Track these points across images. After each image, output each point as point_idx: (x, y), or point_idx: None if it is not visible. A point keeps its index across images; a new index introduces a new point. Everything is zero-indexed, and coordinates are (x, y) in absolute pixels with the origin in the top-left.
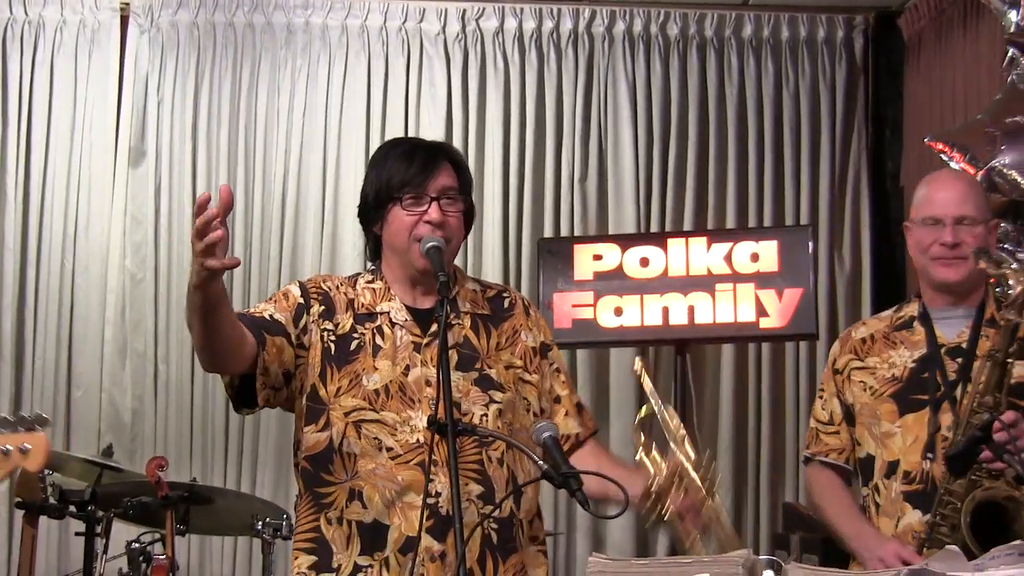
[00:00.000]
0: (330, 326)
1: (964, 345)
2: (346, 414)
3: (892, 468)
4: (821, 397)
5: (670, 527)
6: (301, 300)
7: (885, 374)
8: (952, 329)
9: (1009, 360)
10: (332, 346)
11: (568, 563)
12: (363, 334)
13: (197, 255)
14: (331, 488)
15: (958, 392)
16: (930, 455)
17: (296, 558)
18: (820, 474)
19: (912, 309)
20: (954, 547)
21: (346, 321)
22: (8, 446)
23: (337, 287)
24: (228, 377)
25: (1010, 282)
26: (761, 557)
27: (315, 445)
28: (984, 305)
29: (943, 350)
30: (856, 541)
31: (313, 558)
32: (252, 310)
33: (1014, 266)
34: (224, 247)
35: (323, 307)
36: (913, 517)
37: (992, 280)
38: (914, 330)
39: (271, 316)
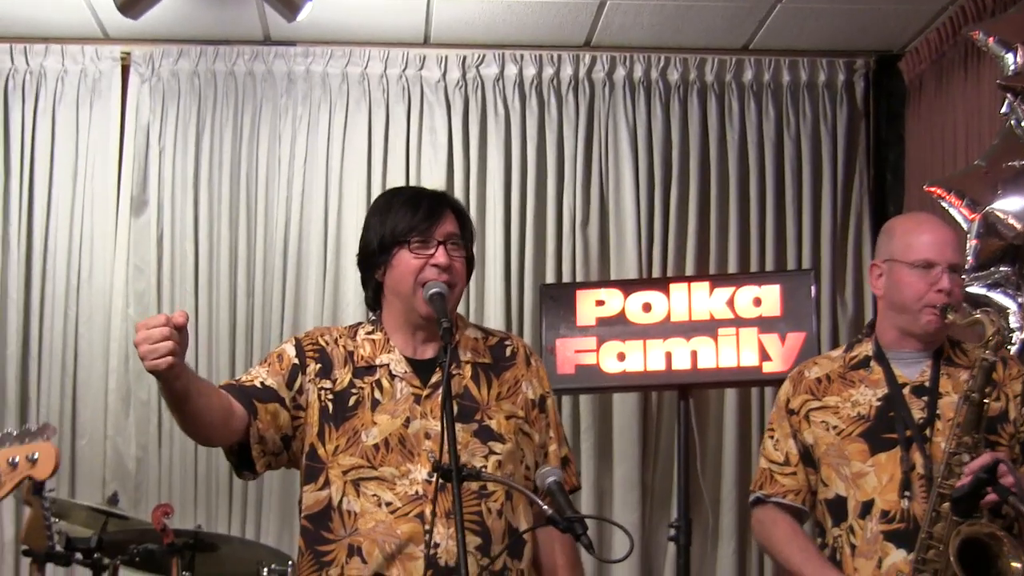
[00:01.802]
0: (328, 384)
1: (927, 384)
2: (344, 472)
3: (867, 508)
4: (772, 437)
5: None
6: (296, 361)
7: (850, 413)
8: (912, 368)
9: (985, 400)
10: (330, 404)
11: None
12: (361, 388)
13: (159, 369)
14: (331, 546)
15: (928, 431)
16: (907, 494)
17: None
18: (778, 517)
19: (866, 348)
20: None
21: (344, 376)
22: (16, 457)
23: (335, 340)
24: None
25: (984, 325)
26: None
27: (314, 504)
28: (941, 348)
29: (907, 389)
30: None
31: None
32: (244, 378)
33: (982, 312)
34: (180, 351)
35: (320, 365)
36: (898, 556)
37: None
38: (872, 369)
39: (262, 383)
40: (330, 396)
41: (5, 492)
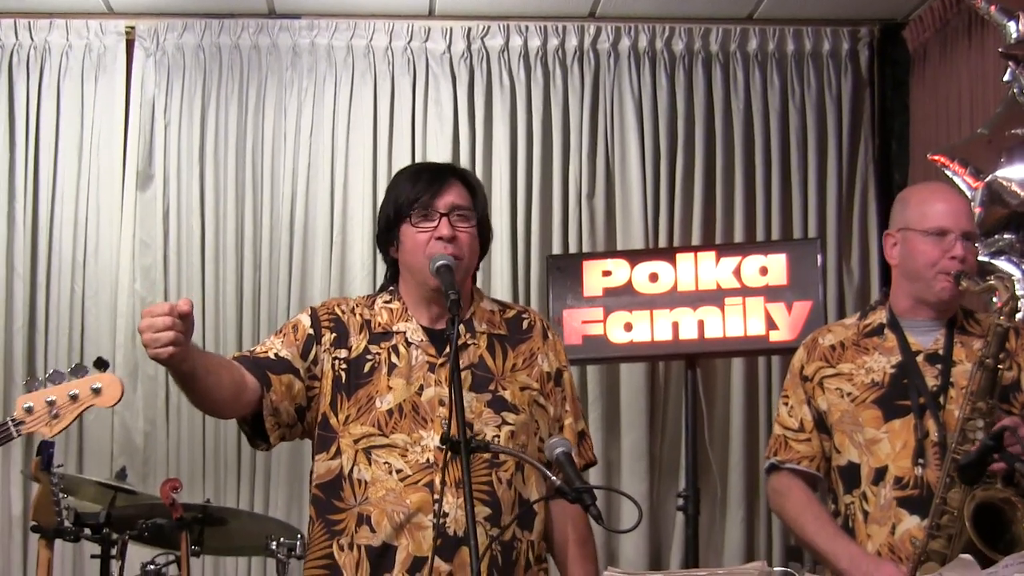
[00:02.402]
0: (343, 353)
1: (941, 351)
2: (355, 441)
3: (880, 475)
4: (787, 404)
5: None
6: (311, 331)
7: (864, 380)
8: (926, 336)
9: (1000, 366)
10: (343, 374)
11: None
12: (378, 354)
13: (160, 357)
14: (342, 515)
15: (942, 398)
16: (921, 461)
17: None
18: (791, 483)
19: (880, 316)
20: (967, 556)
21: (360, 343)
22: (75, 390)
23: (352, 309)
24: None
25: (997, 292)
26: (776, 569)
27: (326, 473)
28: (955, 316)
29: (920, 356)
30: (847, 563)
31: None
32: (258, 349)
33: (996, 278)
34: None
35: (335, 334)
36: (911, 523)
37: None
38: (885, 337)
39: (276, 355)
40: (343, 365)
41: (67, 423)
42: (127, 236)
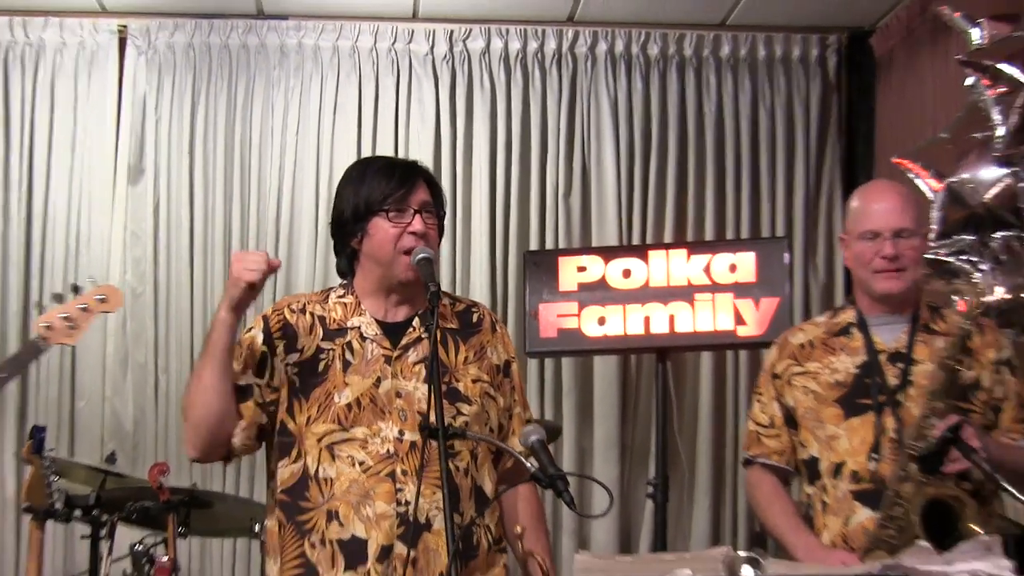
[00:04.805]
0: (294, 357)
1: (903, 350)
2: (319, 440)
3: (838, 469)
4: (759, 401)
5: None
6: (264, 348)
7: (829, 379)
8: (890, 335)
9: (958, 368)
10: (296, 379)
11: (555, 562)
12: (331, 350)
13: (243, 279)
14: (310, 514)
15: (901, 396)
16: (875, 456)
17: None
18: (762, 477)
19: (848, 316)
20: (924, 543)
21: (311, 343)
22: (84, 303)
23: (303, 308)
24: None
25: (963, 294)
26: (740, 553)
27: (290, 477)
28: (918, 312)
29: (883, 356)
30: (803, 553)
31: None
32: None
33: (964, 281)
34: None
35: (285, 341)
36: (864, 515)
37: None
38: (852, 336)
39: (240, 384)
40: (296, 370)
41: (84, 331)
42: (118, 228)
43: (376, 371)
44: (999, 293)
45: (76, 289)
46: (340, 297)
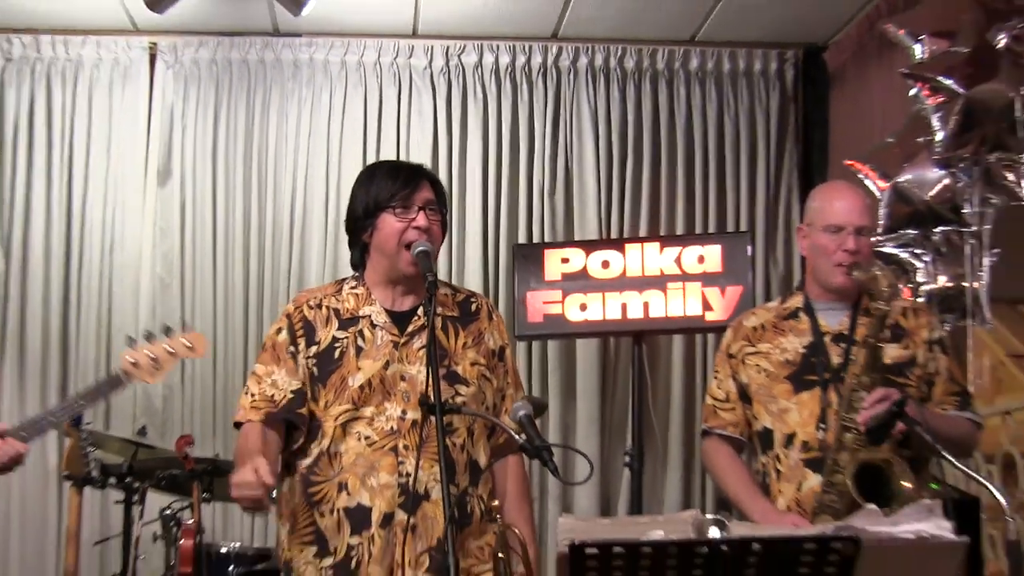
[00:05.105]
0: (313, 350)
1: (846, 332)
2: (335, 419)
3: (789, 439)
4: (716, 378)
5: None
6: (292, 348)
7: (779, 358)
8: (833, 318)
9: (880, 344)
10: (315, 369)
11: (541, 525)
12: (345, 339)
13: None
14: (320, 486)
15: (843, 373)
16: (823, 426)
17: (300, 551)
18: (719, 447)
19: (796, 301)
20: (872, 506)
21: (327, 334)
22: (171, 347)
23: (319, 303)
24: None
25: (881, 280)
26: (708, 516)
27: (309, 456)
28: (860, 299)
29: (827, 337)
30: (759, 516)
31: (314, 548)
32: (276, 396)
33: (881, 270)
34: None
35: (305, 336)
36: (815, 480)
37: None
38: (800, 319)
39: (293, 391)
40: (314, 361)
41: (166, 372)
42: (148, 225)
43: (385, 355)
44: (942, 282)
45: (168, 331)
46: (352, 288)
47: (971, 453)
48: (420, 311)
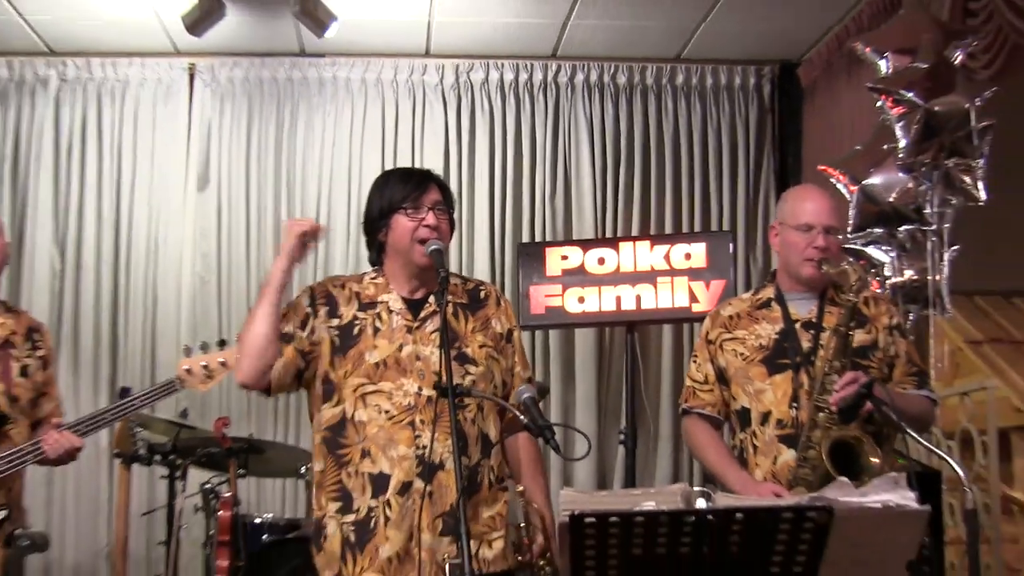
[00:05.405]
0: (335, 321)
1: (814, 320)
2: (354, 390)
3: (765, 417)
4: (695, 361)
5: None
6: (308, 309)
7: (754, 344)
8: (803, 307)
9: (850, 332)
10: (336, 339)
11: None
12: (364, 319)
13: (293, 230)
14: (347, 449)
15: (813, 357)
16: (795, 405)
17: (325, 504)
18: (698, 424)
19: (768, 292)
20: (844, 478)
21: (349, 312)
22: (223, 358)
23: (343, 285)
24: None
25: (851, 274)
26: (695, 488)
27: (331, 418)
28: (826, 291)
29: (798, 324)
30: (739, 486)
31: (339, 503)
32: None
33: (850, 264)
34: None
35: (327, 308)
36: (788, 455)
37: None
38: (772, 308)
39: (285, 331)
40: (336, 332)
41: (217, 382)
42: (188, 227)
43: (400, 338)
44: (907, 275)
45: (223, 343)
46: (373, 279)
47: (930, 428)
48: (431, 300)
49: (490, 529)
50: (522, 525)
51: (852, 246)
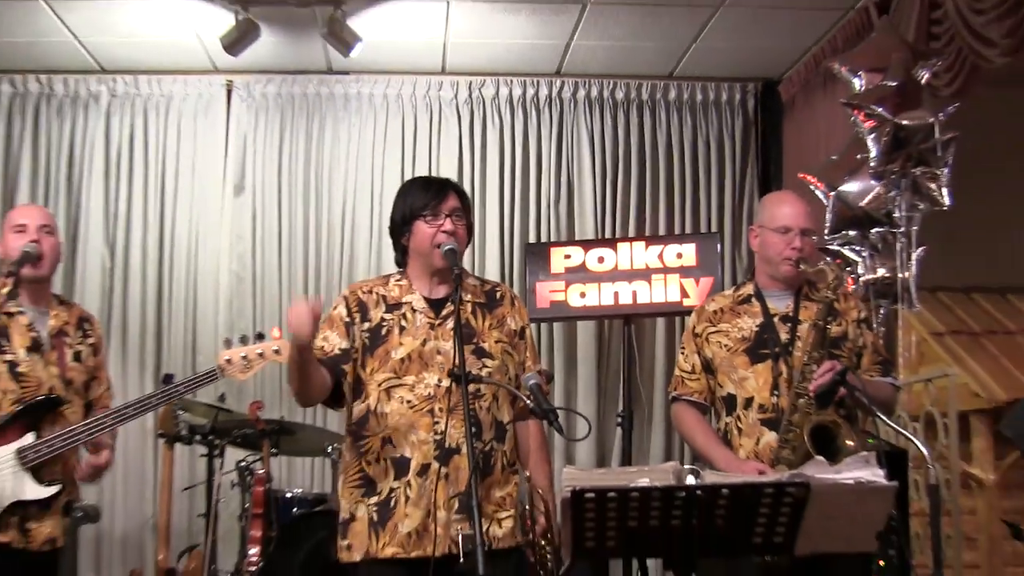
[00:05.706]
0: (366, 325)
1: (791, 314)
2: (379, 384)
3: (748, 402)
4: (683, 353)
5: None
6: (347, 319)
7: (737, 336)
8: (780, 303)
9: (828, 326)
10: (367, 341)
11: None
12: (391, 320)
13: (299, 340)
14: (366, 440)
15: (791, 348)
16: (776, 392)
17: (350, 493)
18: (687, 410)
19: (748, 289)
20: (820, 457)
21: (377, 314)
22: (261, 350)
23: (371, 290)
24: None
25: (828, 273)
26: (686, 467)
27: (358, 413)
28: (802, 287)
29: (776, 318)
30: (724, 464)
31: (363, 489)
32: (326, 348)
33: (827, 264)
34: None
35: (359, 313)
36: (770, 437)
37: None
38: (752, 304)
39: (341, 349)
40: (367, 334)
41: (255, 371)
42: (226, 230)
43: (423, 334)
44: (879, 273)
45: (260, 336)
46: (397, 280)
47: (894, 411)
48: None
49: (500, 508)
50: (527, 507)
51: (828, 247)
